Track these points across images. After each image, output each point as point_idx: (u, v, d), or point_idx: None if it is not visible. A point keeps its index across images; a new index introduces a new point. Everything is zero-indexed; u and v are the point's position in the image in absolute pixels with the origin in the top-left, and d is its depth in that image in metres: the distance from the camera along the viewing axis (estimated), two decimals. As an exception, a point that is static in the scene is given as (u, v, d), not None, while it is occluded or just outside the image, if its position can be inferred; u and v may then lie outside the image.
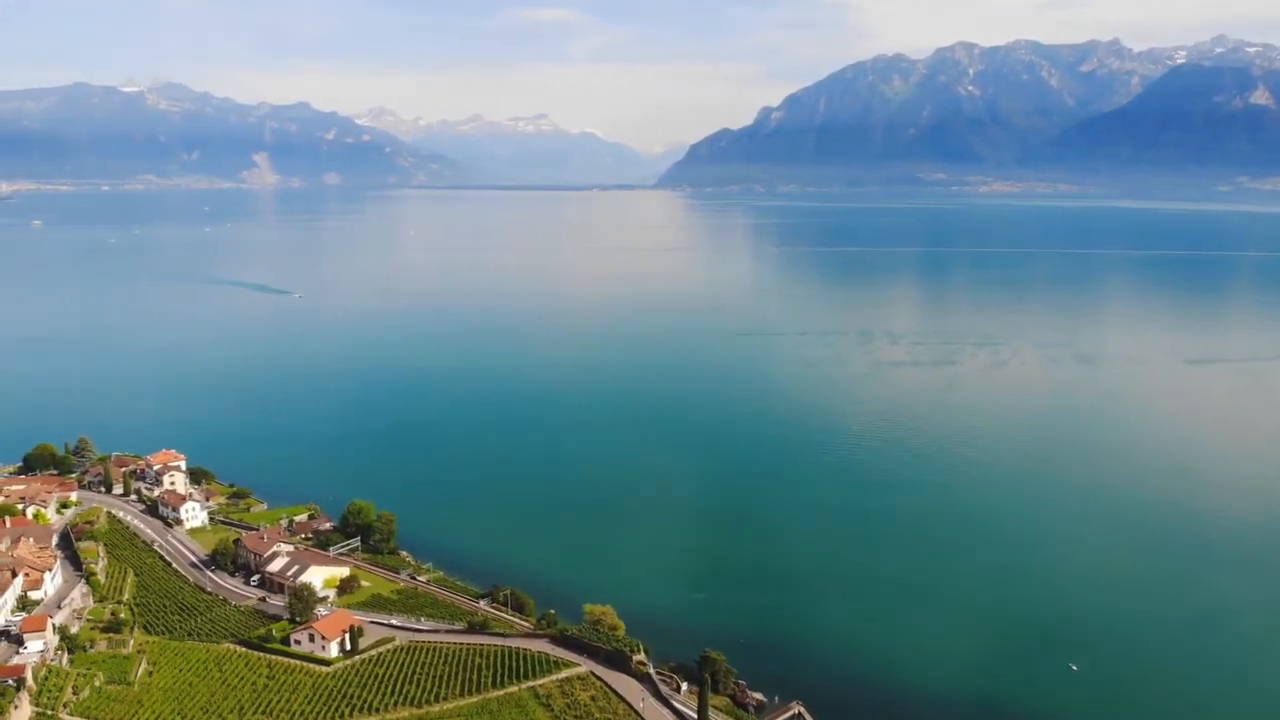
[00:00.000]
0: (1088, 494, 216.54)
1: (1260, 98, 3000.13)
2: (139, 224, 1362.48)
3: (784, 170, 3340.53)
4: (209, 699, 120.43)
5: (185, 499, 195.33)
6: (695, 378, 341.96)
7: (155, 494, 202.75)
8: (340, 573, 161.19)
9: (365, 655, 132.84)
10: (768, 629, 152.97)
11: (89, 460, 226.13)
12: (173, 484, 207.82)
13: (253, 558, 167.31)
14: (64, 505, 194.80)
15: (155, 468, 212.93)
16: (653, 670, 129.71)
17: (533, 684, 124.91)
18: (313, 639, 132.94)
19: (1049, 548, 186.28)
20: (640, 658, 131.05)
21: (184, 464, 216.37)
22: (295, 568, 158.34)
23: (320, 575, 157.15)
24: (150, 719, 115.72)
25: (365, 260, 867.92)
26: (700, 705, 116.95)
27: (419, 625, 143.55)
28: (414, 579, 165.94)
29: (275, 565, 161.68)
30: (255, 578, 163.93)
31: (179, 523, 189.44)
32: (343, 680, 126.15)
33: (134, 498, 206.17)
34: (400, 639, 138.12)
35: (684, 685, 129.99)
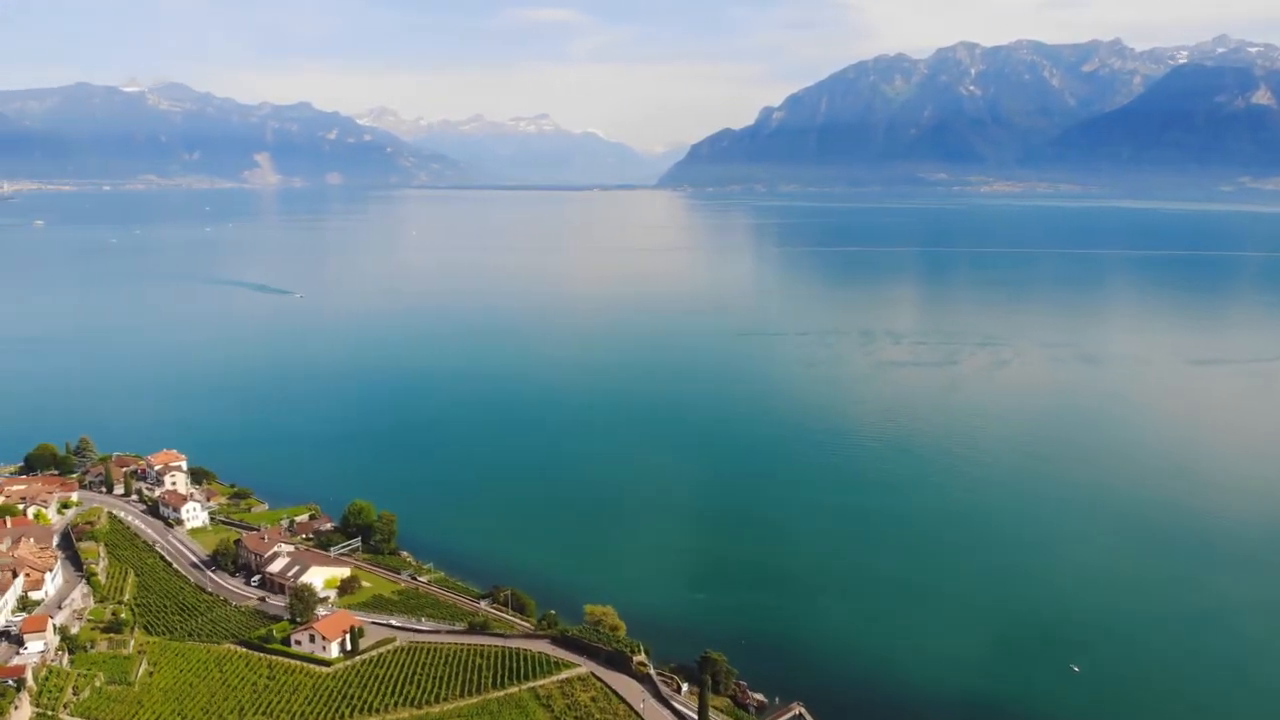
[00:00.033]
0: (1089, 494, 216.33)
1: (1262, 98, 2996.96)
2: (140, 224, 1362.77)
3: (785, 170, 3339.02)
4: (209, 699, 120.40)
5: (186, 499, 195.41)
6: (696, 378, 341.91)
7: (156, 494, 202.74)
8: (341, 573, 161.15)
9: (366, 656, 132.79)
10: (769, 630, 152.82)
11: (90, 460, 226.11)
12: (174, 484, 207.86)
13: (253, 558, 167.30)
14: (65, 505, 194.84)
15: (156, 468, 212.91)
16: (653, 671, 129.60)
17: (533, 685, 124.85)
18: (313, 639, 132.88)
19: (1051, 548, 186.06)
20: (641, 659, 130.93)
21: (185, 464, 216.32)
22: (296, 568, 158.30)
23: (321, 576, 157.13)
24: (150, 719, 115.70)
25: (367, 260, 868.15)
26: (701, 706, 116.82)
27: (419, 626, 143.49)
28: (415, 579, 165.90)
29: (276, 566, 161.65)
30: (256, 578, 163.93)
31: (180, 523, 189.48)
32: (343, 681, 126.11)
33: (135, 498, 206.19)
34: (401, 639, 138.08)
35: (684, 686, 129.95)
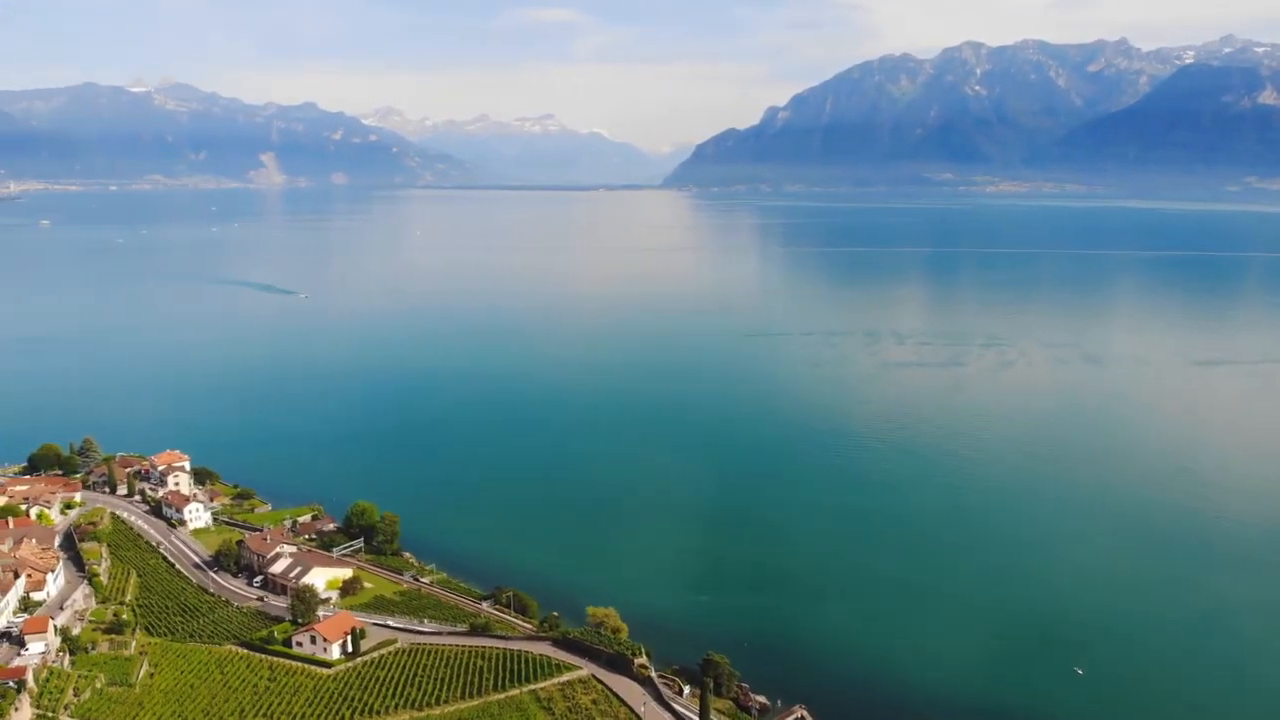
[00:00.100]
0: (1094, 496, 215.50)
1: (1269, 98, 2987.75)
2: (146, 224, 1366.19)
3: (790, 170, 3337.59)
4: (210, 701, 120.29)
5: (189, 500, 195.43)
6: (700, 378, 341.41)
7: (159, 495, 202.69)
8: (343, 574, 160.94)
9: (367, 657, 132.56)
10: (772, 631, 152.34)
11: (94, 461, 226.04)
12: (177, 485, 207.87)
13: (256, 559, 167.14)
14: (68, 506, 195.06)
15: (160, 468, 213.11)
16: (654, 674, 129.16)
17: (534, 687, 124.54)
18: (314, 641, 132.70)
19: (1055, 550, 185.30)
20: (642, 661, 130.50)
21: (188, 464, 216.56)
22: (298, 569, 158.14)
23: (323, 577, 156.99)
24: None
25: (371, 260, 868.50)
26: (702, 709, 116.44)
27: (421, 627, 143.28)
28: (417, 580, 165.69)
29: (278, 566, 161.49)
30: (258, 579, 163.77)
31: (183, 524, 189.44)
32: (343, 683, 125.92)
33: (138, 498, 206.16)
34: (402, 641, 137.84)
35: (686, 688, 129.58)
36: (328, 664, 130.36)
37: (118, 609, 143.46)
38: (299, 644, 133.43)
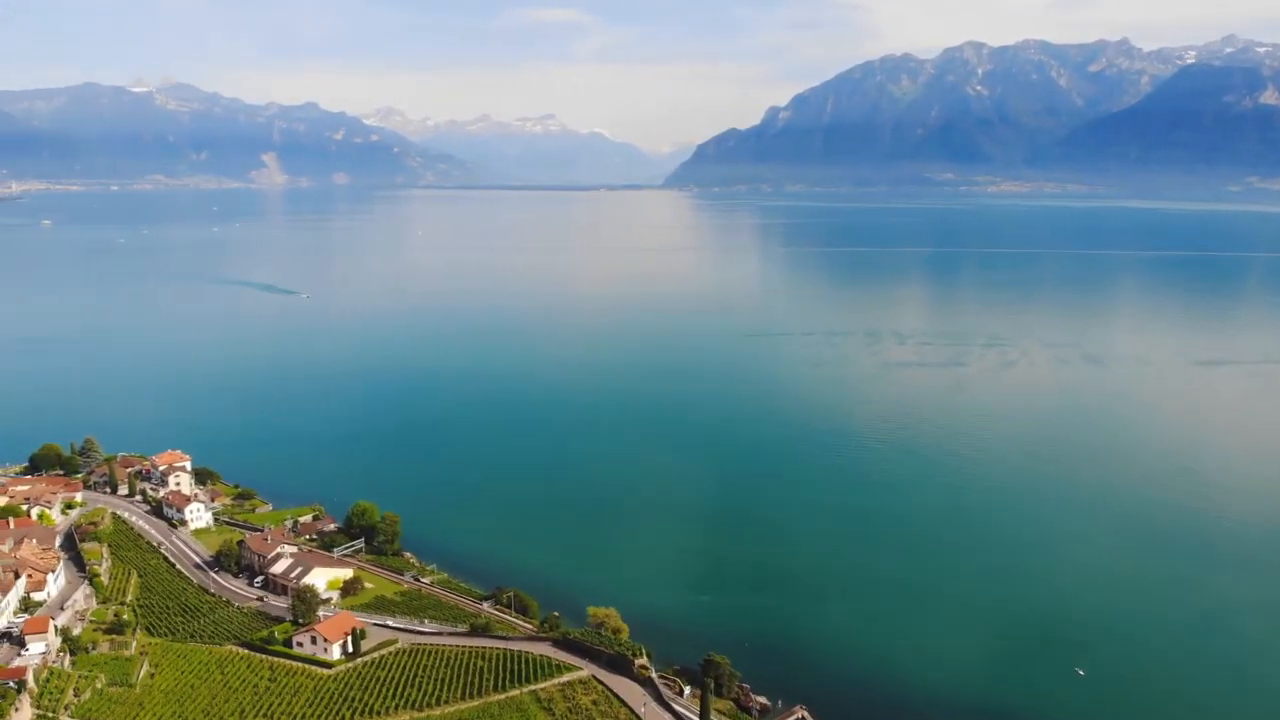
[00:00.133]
0: (1095, 496, 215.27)
1: (1270, 98, 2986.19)
2: (148, 224, 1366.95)
3: (791, 170, 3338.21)
4: (210, 701, 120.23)
5: (190, 500, 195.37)
6: (701, 378, 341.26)
7: (160, 495, 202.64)
8: (344, 574, 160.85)
9: (367, 658, 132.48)
10: (773, 632, 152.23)
11: (95, 461, 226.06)
12: (178, 485, 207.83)
13: (256, 559, 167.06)
14: (69, 506, 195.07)
15: (160, 468, 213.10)
16: (655, 674, 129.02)
17: (534, 688, 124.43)
18: (315, 641, 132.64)
19: (1056, 550, 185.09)
20: (643, 661, 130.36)
21: (189, 464, 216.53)
22: (299, 569, 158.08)
23: (324, 577, 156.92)
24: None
25: (372, 260, 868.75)
26: (702, 709, 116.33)
27: (421, 628, 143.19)
28: (418, 581, 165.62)
29: (279, 567, 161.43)
30: (259, 579, 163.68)
31: (183, 524, 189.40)
32: (344, 683, 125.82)
33: (139, 498, 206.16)
34: (403, 641, 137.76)
35: (687, 689, 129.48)
36: (328, 664, 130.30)
37: (118, 609, 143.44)
38: (299, 644, 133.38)
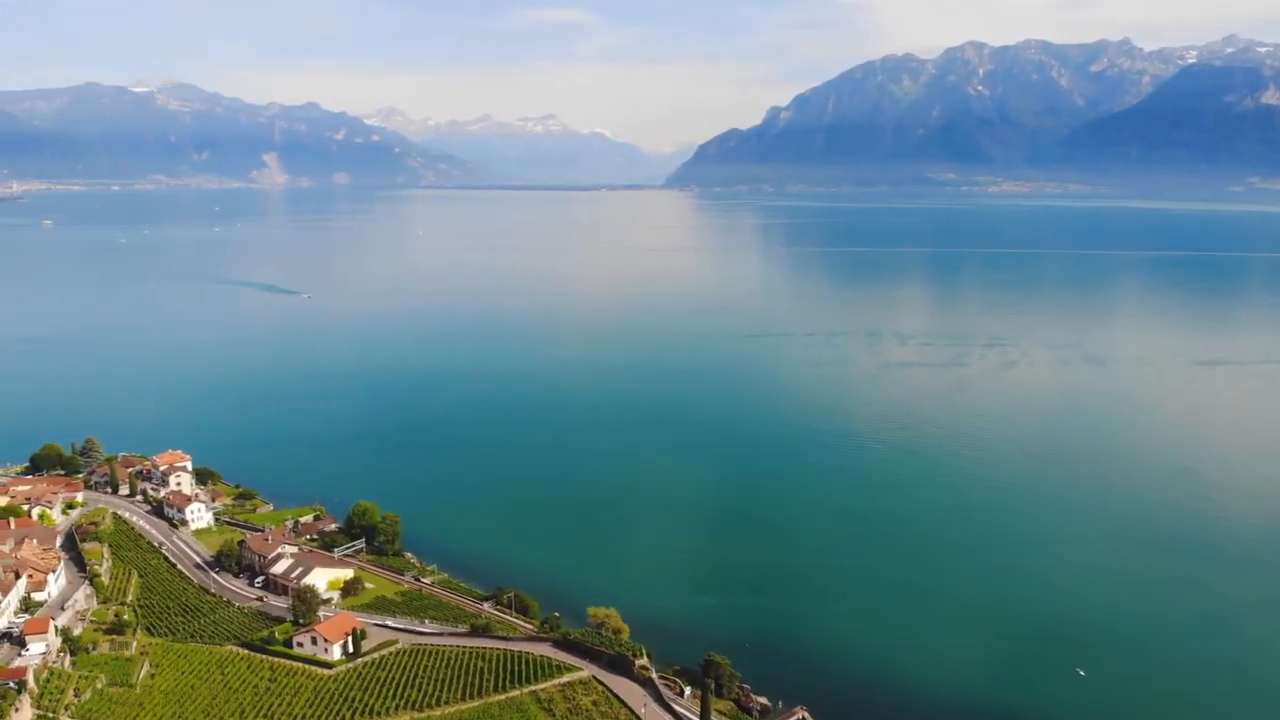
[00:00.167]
0: (1096, 496, 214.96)
1: (1271, 97, 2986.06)
2: (149, 224, 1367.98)
3: (793, 170, 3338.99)
4: (210, 702, 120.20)
5: (191, 500, 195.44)
6: (702, 379, 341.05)
7: (161, 495, 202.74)
8: (344, 574, 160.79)
9: (367, 658, 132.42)
10: (774, 632, 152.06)
11: (96, 461, 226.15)
12: (179, 485, 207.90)
13: (257, 559, 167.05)
14: (70, 506, 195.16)
15: (161, 468, 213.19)
16: (655, 675, 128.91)
17: (534, 688, 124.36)
18: (315, 641, 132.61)
19: (1057, 551, 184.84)
20: (643, 662, 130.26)
21: (190, 464, 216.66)
22: (299, 569, 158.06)
23: (324, 577, 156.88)
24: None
25: (373, 260, 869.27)
26: (703, 710, 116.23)
27: (422, 628, 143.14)
28: (418, 581, 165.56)
29: (279, 567, 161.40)
30: (259, 579, 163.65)
31: (184, 524, 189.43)
32: (344, 683, 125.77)
33: (140, 498, 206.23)
34: (403, 642, 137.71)
35: (687, 690, 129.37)
36: (328, 665, 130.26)
37: (119, 609, 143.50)
38: (300, 645, 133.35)
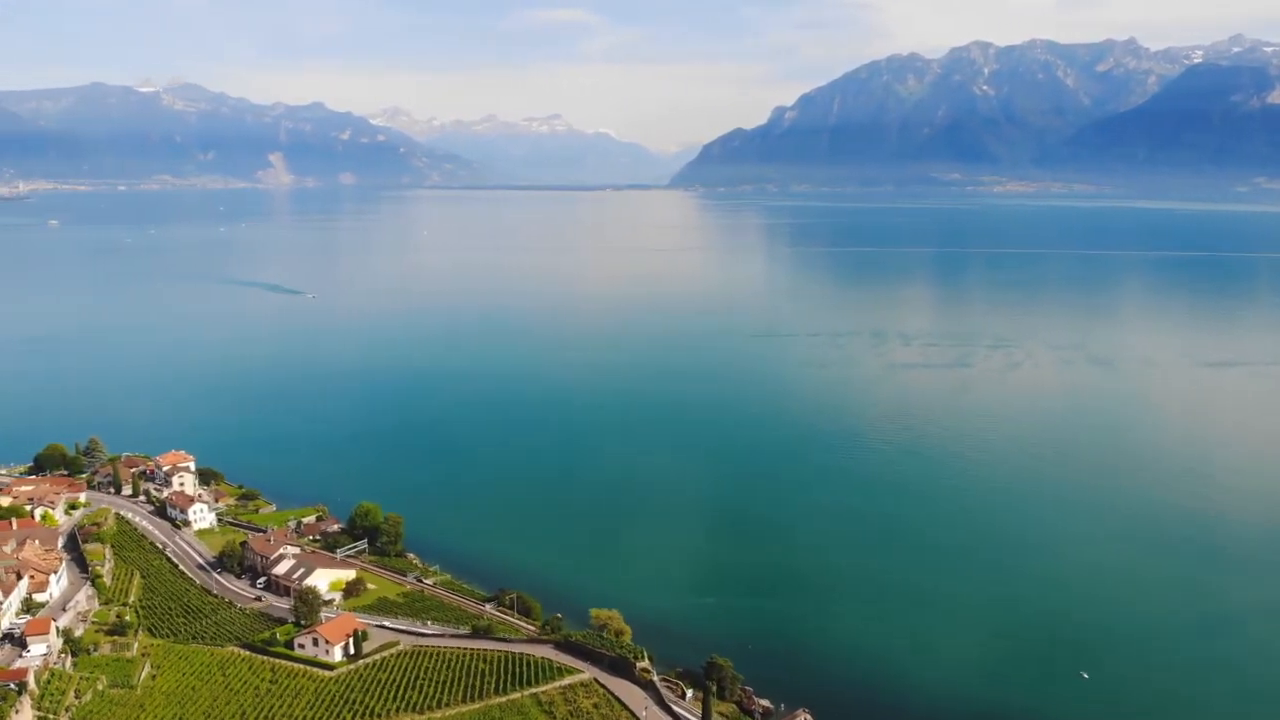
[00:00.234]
0: (1101, 498, 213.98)
1: (1278, 97, 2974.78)
2: (154, 224, 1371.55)
3: (797, 170, 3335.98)
4: (211, 703, 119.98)
5: (193, 500, 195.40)
6: (706, 379, 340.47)
7: (164, 495, 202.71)
8: (346, 575, 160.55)
9: (369, 660, 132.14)
10: (776, 634, 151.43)
11: (99, 461, 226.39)
12: (181, 485, 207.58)
13: (259, 560, 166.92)
14: (72, 506, 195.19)
15: (164, 469, 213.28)
16: (656, 677, 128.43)
17: (535, 690, 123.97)
18: (316, 643, 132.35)
19: (1061, 553, 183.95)
20: (644, 664, 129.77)
21: (193, 465, 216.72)
22: (301, 570, 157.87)
23: (326, 578, 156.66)
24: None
25: (378, 261, 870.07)
26: (705, 713, 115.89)
27: (424, 629, 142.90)
28: (421, 582, 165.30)
29: (281, 568, 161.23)
30: (261, 580, 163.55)
31: (187, 524, 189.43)
32: (345, 685, 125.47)
33: (143, 499, 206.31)
34: (405, 643, 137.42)
35: (689, 692, 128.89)
36: (330, 666, 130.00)
37: (120, 610, 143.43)
38: (301, 646, 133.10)
